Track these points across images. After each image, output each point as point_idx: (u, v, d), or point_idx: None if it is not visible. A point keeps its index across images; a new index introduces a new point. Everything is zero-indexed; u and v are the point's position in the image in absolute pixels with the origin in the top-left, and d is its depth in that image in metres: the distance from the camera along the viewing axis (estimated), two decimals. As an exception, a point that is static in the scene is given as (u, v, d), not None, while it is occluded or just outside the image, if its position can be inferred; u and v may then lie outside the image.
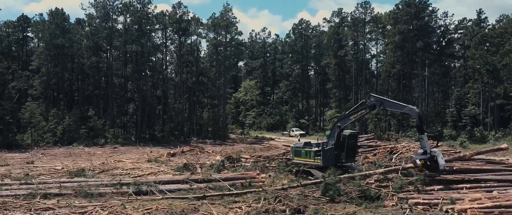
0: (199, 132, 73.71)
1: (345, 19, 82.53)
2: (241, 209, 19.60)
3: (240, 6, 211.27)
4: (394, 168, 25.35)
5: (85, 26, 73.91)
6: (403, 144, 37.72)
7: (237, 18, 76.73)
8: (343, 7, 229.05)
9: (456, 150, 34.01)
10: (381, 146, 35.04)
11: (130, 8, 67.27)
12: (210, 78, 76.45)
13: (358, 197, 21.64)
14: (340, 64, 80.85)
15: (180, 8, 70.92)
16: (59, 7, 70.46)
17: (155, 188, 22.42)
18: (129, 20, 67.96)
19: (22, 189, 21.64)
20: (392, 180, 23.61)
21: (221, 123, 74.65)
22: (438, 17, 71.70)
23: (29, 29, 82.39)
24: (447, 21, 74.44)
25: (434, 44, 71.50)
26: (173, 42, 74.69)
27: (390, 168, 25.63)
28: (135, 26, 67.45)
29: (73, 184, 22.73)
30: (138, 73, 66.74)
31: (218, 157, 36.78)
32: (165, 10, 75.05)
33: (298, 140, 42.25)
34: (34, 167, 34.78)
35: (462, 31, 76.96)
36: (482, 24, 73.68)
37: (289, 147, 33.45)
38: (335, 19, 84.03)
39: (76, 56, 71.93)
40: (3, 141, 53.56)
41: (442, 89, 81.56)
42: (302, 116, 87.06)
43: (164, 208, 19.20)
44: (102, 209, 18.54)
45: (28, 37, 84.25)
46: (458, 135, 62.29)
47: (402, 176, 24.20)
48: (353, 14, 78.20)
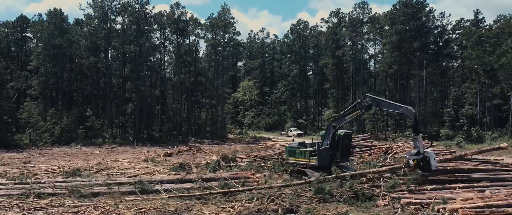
0: (198, 132, 73.83)
1: (343, 20, 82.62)
2: (233, 209, 19.71)
3: (240, 7, 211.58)
4: (386, 168, 25.45)
5: (84, 26, 74.02)
6: (399, 143, 37.90)
7: (235, 18, 76.91)
8: (341, 8, 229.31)
9: (450, 150, 34.12)
10: (376, 146, 35.16)
11: (128, 8, 67.36)
12: (208, 78, 76.58)
13: (351, 197, 21.77)
14: (338, 64, 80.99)
15: (178, 8, 71.12)
16: (58, 8, 70.41)
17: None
18: (127, 20, 68.07)
19: (16, 189, 21.75)
20: (385, 180, 23.73)
21: (219, 123, 74.78)
22: (435, 17, 71.92)
23: (27, 29, 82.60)
24: (444, 21, 74.58)
25: (431, 44, 71.56)
26: (171, 42, 74.85)
27: (382, 168, 25.70)
28: (134, 27, 67.57)
29: (67, 184, 22.83)
30: (136, 73, 66.84)
31: (214, 157, 36.93)
32: (163, 10, 75.17)
33: (292, 140, 42.37)
34: (30, 166, 34.89)
35: (460, 32, 77.09)
36: (479, 24, 73.75)
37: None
38: (333, 20, 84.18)
39: (75, 56, 72.10)
40: (1, 141, 53.67)
41: (440, 89, 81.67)
42: (300, 116, 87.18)
43: (157, 208, 19.30)
44: (95, 209, 18.66)
45: (27, 37, 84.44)
46: (456, 135, 62.42)
47: (395, 175, 24.33)
48: (350, 14, 78.39)
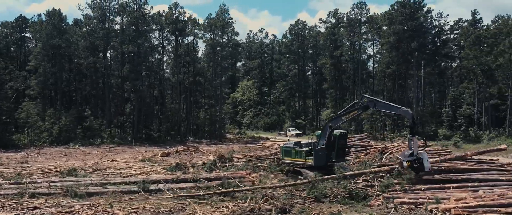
0: (196, 132, 73.92)
1: (341, 20, 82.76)
2: (227, 208, 19.80)
3: (240, 7, 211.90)
4: (374, 169, 25.62)
5: (82, 26, 74.16)
6: (395, 143, 37.95)
7: (233, 18, 77.17)
8: (341, 8, 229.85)
9: (447, 150, 34.14)
10: (372, 146, 35.22)
11: (127, 8, 67.47)
12: (207, 78, 76.70)
13: (345, 197, 21.85)
14: (336, 64, 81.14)
15: (176, 8, 71.23)
16: (57, 8, 70.50)
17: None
18: (125, 20, 68.17)
19: (11, 189, 21.83)
20: (379, 180, 23.83)
21: (217, 123, 74.90)
22: (433, 17, 72.03)
23: (27, 29, 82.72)
24: (442, 21, 74.68)
25: (429, 44, 71.64)
26: (170, 42, 74.98)
27: (372, 169, 25.84)
28: (132, 27, 67.68)
29: (62, 184, 22.93)
30: (135, 73, 66.94)
31: (211, 157, 36.99)
32: (162, 10, 75.31)
33: (288, 139, 42.58)
34: (27, 166, 34.98)
35: (458, 32, 77.20)
36: (477, 24, 73.86)
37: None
38: (331, 20, 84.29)
39: (73, 56, 72.22)
40: (0, 141, 53.75)
41: (439, 89, 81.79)
42: (298, 116, 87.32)
43: (151, 207, 19.39)
44: (89, 208, 18.76)
45: (26, 37, 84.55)
46: (453, 134, 62.51)
47: (390, 175, 24.43)
48: (348, 14, 78.52)
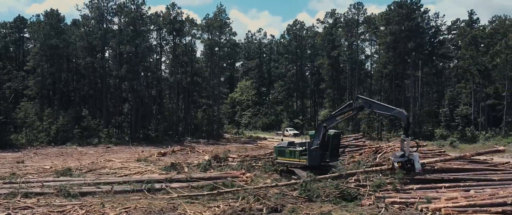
0: (194, 131, 74.06)
1: (338, 20, 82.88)
2: (219, 208, 19.90)
3: (240, 7, 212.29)
4: (370, 169, 25.74)
5: (80, 27, 74.28)
6: (390, 143, 38.02)
7: (230, 18, 77.28)
8: (337, 8, 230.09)
9: (441, 150, 34.23)
10: (367, 146, 35.30)
11: (124, 9, 67.59)
12: (205, 78, 76.83)
13: (336, 197, 21.94)
14: (333, 64, 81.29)
15: (174, 9, 71.32)
16: (58, 8, 70.86)
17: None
18: (123, 21, 68.30)
19: (4, 188, 21.92)
20: (371, 179, 23.92)
21: (215, 123, 75.03)
22: (430, 18, 72.18)
23: (25, 30, 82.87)
24: (439, 22, 74.82)
25: (426, 45, 71.75)
26: (168, 43, 75.10)
27: (365, 169, 25.97)
28: (130, 27, 67.81)
29: (56, 183, 23.03)
30: (133, 73, 67.07)
31: (207, 157, 37.09)
32: (160, 11, 75.45)
33: (281, 139, 42.84)
34: (23, 166, 35.08)
35: (455, 32, 77.32)
36: (474, 24, 73.97)
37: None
38: (329, 20, 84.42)
39: (72, 56, 72.35)
40: (-2, 141, 53.99)
41: (437, 89, 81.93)
42: (296, 116, 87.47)
43: (142, 207, 19.49)
44: (80, 208, 18.86)
45: (24, 37, 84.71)
46: (450, 134, 62.64)
47: (382, 175, 24.55)
48: (346, 15, 78.67)
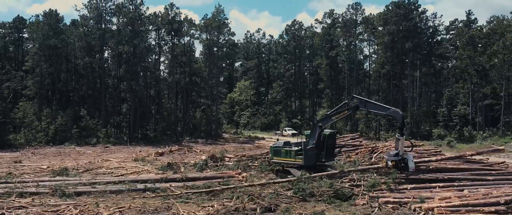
0: (192, 131, 74.15)
1: (336, 20, 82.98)
2: (213, 208, 19.99)
3: (240, 8, 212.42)
4: (364, 168, 25.85)
5: (79, 27, 74.37)
6: (387, 143, 38.12)
7: (228, 19, 77.41)
8: (337, 8, 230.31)
9: (437, 150, 34.30)
10: (363, 146, 35.38)
11: (123, 9, 67.69)
12: (203, 78, 76.93)
13: (330, 196, 22.02)
14: (331, 64, 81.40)
15: (172, 9, 71.43)
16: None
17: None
18: (121, 21, 68.40)
19: (-1, 188, 22.05)
20: (365, 179, 24.01)
21: (214, 122, 75.13)
22: (428, 18, 72.23)
23: (24, 30, 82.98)
24: (436, 22, 74.89)
25: (424, 45, 71.85)
26: (166, 43, 75.18)
27: (359, 168, 26.08)
28: (129, 28, 67.91)
29: (51, 183, 23.12)
30: (131, 73, 67.17)
31: (204, 156, 37.16)
32: (158, 11, 75.57)
33: (277, 139, 42.96)
34: (20, 166, 35.16)
35: (454, 32, 77.41)
36: (471, 25, 74.05)
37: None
38: (327, 20, 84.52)
39: (70, 56, 72.46)
40: (-4, 141, 54.06)
41: (435, 89, 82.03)
42: (295, 116, 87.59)
43: (136, 207, 19.57)
44: (74, 208, 18.94)
45: (23, 38, 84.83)
46: (448, 134, 62.72)
47: (376, 174, 24.64)
48: (344, 15, 78.74)
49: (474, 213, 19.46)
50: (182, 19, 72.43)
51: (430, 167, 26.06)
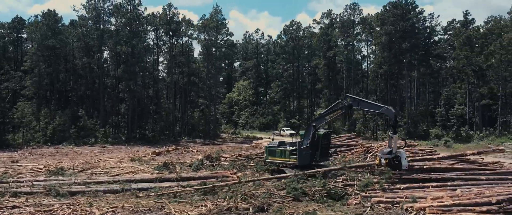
0: (191, 131, 74.25)
1: (334, 21, 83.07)
2: (206, 207, 20.09)
3: (240, 8, 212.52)
4: (359, 164, 25.96)
5: (78, 27, 74.46)
6: (383, 143, 38.23)
7: (229, 19, 77.64)
8: (336, 9, 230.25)
9: (432, 150, 34.42)
10: (359, 145, 35.52)
11: (121, 9, 67.80)
12: (201, 78, 77.03)
13: (323, 196, 22.11)
14: (329, 65, 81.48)
15: (170, 9, 71.50)
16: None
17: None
18: (120, 21, 68.50)
19: (-6, 188, 22.12)
20: (359, 179, 24.11)
21: (212, 122, 75.23)
22: (425, 18, 72.29)
23: (23, 30, 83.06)
24: (433, 22, 74.92)
25: (421, 45, 71.93)
26: (165, 43, 75.27)
27: (355, 164, 26.17)
28: (127, 28, 68.01)
29: (46, 183, 23.22)
30: (129, 74, 67.26)
31: (200, 156, 37.28)
32: (156, 12, 75.69)
33: (272, 139, 43.14)
34: (17, 166, 35.26)
35: (451, 32, 77.48)
36: (469, 25, 74.12)
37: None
38: (325, 20, 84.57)
39: (69, 57, 72.57)
40: (-6, 140, 54.19)
41: (433, 89, 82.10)
42: (293, 116, 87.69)
43: (130, 206, 19.67)
44: (67, 207, 19.04)
45: (22, 38, 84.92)
46: (445, 134, 62.80)
47: (370, 174, 24.76)
48: (342, 15, 78.82)
49: (465, 213, 19.56)
50: (180, 20, 72.58)
51: (424, 166, 26.18)
